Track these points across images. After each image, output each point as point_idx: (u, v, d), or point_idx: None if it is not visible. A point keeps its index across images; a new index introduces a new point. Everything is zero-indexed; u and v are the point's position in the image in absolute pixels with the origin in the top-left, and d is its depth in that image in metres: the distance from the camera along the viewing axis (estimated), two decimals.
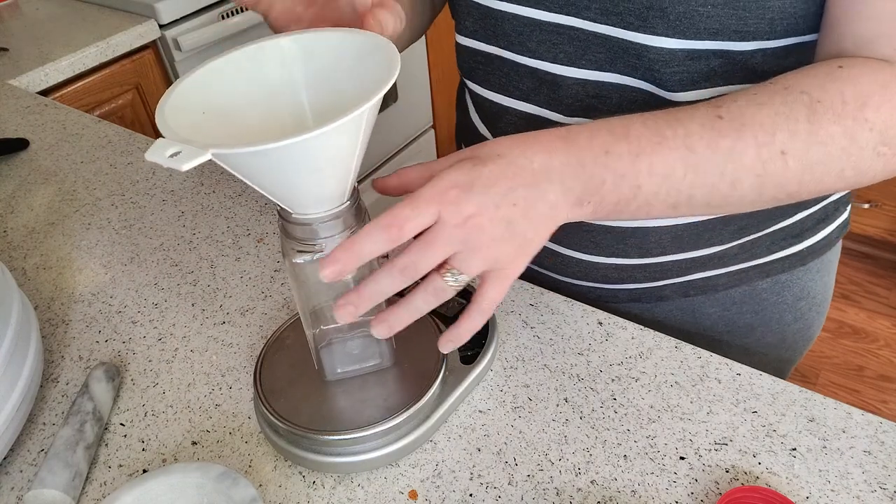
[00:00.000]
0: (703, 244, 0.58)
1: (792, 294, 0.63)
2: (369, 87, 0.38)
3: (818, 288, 0.64)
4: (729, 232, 0.57)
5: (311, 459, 0.47)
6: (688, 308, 0.63)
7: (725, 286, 0.61)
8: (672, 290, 0.62)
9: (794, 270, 0.61)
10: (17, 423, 0.49)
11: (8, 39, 1.31)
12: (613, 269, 0.60)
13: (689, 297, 0.62)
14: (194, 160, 0.33)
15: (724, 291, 0.61)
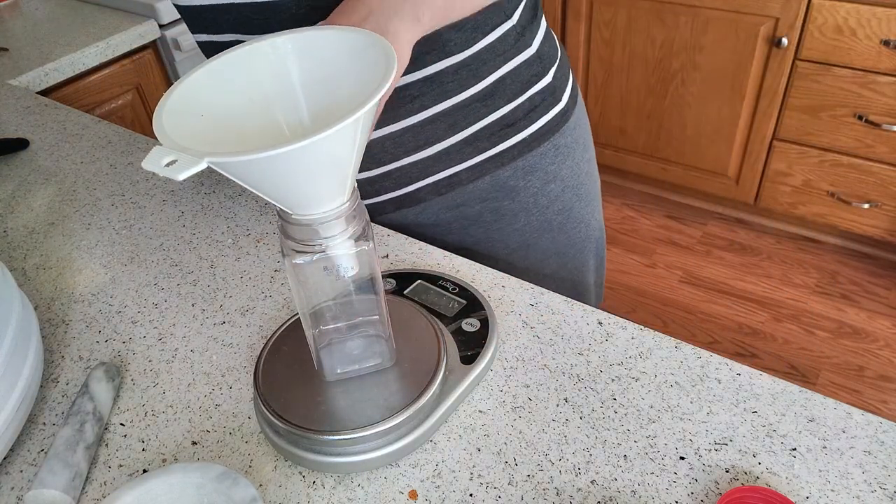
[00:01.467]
0: (424, 144, 0.65)
1: (537, 178, 0.70)
2: (366, 85, 0.38)
3: (564, 172, 0.72)
4: (441, 130, 0.65)
5: (311, 459, 0.47)
6: (450, 205, 0.70)
7: (470, 179, 0.69)
8: (426, 191, 0.69)
9: (527, 156, 0.69)
10: (17, 423, 0.49)
11: (8, 39, 1.31)
12: (366, 183, 0.68)
13: (443, 194, 0.69)
14: (190, 169, 0.33)
15: (472, 184, 0.69)
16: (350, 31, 0.42)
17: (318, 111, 0.43)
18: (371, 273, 0.46)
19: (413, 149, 0.66)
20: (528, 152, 0.69)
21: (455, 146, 0.66)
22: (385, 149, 0.65)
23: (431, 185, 0.69)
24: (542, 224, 0.72)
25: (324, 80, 0.43)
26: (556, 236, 0.74)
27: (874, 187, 1.79)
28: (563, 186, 0.72)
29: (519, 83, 0.66)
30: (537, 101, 0.68)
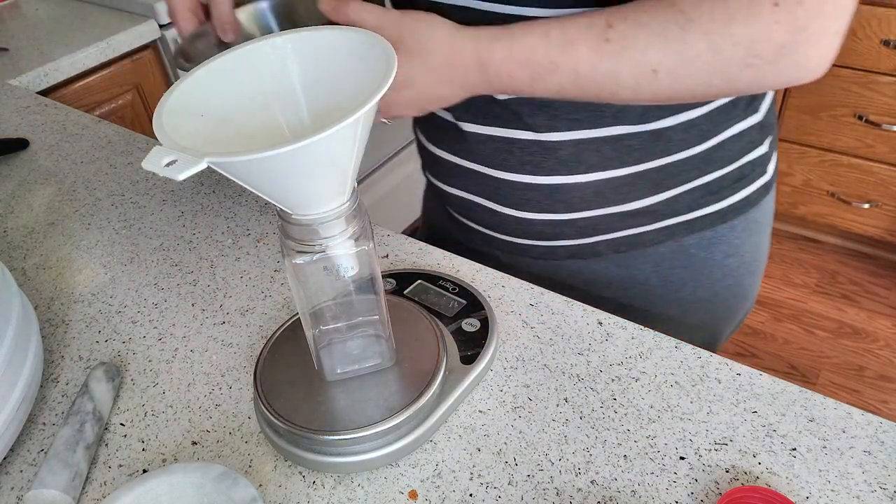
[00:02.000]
0: (622, 199, 0.62)
1: (720, 251, 0.66)
2: (366, 85, 0.38)
3: (747, 247, 0.68)
4: (646, 188, 0.62)
5: (311, 459, 0.47)
6: (622, 264, 0.67)
7: (654, 242, 0.65)
8: (604, 245, 0.66)
9: (718, 227, 0.65)
10: (17, 423, 0.49)
11: (8, 39, 1.31)
12: (547, 225, 0.65)
13: (620, 252, 0.66)
14: (190, 169, 0.33)
15: (653, 247, 0.66)
16: (350, 31, 0.42)
17: (318, 111, 0.43)
18: (371, 273, 0.46)
19: (611, 202, 0.62)
20: (722, 223, 0.65)
21: (653, 206, 0.63)
22: (584, 196, 0.62)
23: (612, 240, 0.65)
24: (707, 296, 0.69)
25: (324, 80, 0.43)
26: (716, 307, 0.70)
27: (874, 187, 1.79)
28: (740, 262, 0.68)
29: (736, 149, 0.62)
30: (747, 171, 0.64)
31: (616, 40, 0.46)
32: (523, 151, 0.61)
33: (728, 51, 0.44)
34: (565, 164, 0.60)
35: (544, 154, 0.60)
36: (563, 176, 0.61)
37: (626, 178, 0.61)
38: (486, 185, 0.65)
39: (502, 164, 0.63)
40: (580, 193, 0.62)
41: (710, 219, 0.64)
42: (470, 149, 0.64)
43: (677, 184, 0.62)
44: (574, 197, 0.62)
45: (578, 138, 0.59)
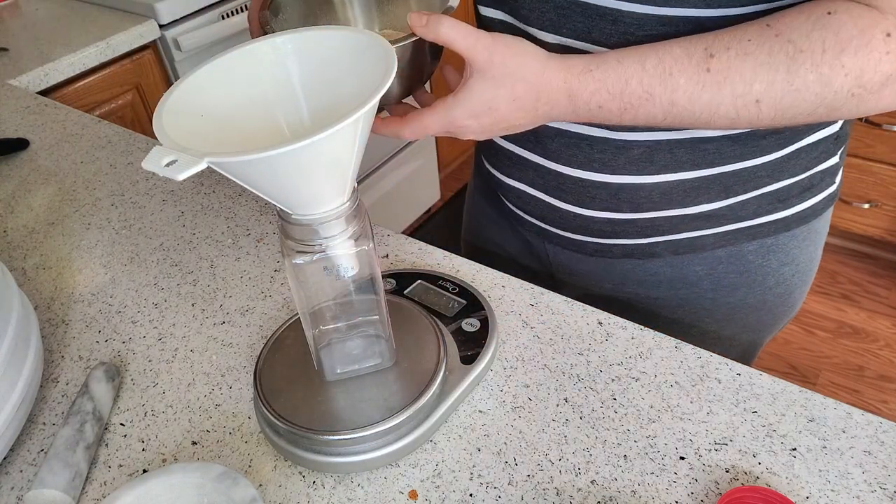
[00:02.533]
0: (690, 202, 0.61)
1: (777, 259, 0.65)
2: (366, 85, 0.38)
3: (803, 257, 0.67)
4: (716, 191, 0.60)
5: (311, 459, 0.47)
6: (677, 265, 0.66)
7: (713, 246, 0.64)
8: (663, 247, 0.65)
9: (780, 235, 0.64)
10: (17, 423, 0.49)
11: (8, 39, 1.31)
12: (607, 224, 0.64)
13: (678, 254, 0.65)
14: (190, 169, 0.33)
15: (711, 251, 0.65)
16: (350, 31, 0.42)
17: (318, 111, 0.44)
18: (371, 273, 0.46)
19: (677, 204, 0.61)
20: (784, 231, 0.64)
21: (720, 210, 0.61)
22: (650, 197, 0.61)
23: (672, 242, 0.64)
24: (757, 303, 0.68)
25: (324, 81, 0.43)
26: (762, 315, 0.69)
27: (874, 187, 1.79)
28: (795, 271, 0.67)
29: (811, 158, 0.61)
30: (816, 181, 0.63)
31: (718, 71, 0.45)
32: (593, 149, 0.59)
33: (837, 82, 0.43)
34: (636, 163, 0.59)
35: (615, 152, 0.59)
36: (631, 175, 0.60)
37: (696, 182, 0.59)
38: (549, 180, 0.64)
39: (570, 160, 0.61)
40: (647, 194, 0.61)
41: (773, 226, 0.63)
42: (537, 142, 0.63)
43: (747, 190, 0.60)
44: (640, 197, 0.61)
45: (654, 139, 0.57)
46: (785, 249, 0.65)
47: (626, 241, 0.65)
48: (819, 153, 0.62)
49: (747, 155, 0.58)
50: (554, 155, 0.62)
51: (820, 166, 0.62)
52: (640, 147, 0.58)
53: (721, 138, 0.57)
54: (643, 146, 0.58)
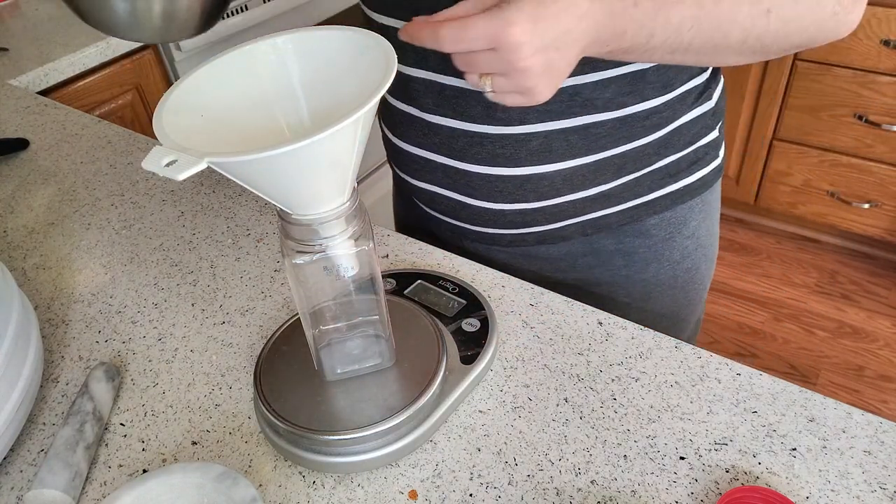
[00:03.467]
0: (590, 184, 0.65)
1: (679, 232, 0.70)
2: (366, 85, 0.38)
3: (702, 231, 0.72)
4: (611, 172, 0.64)
5: (311, 459, 0.47)
6: (588, 244, 0.70)
7: (618, 223, 0.68)
8: (572, 230, 0.68)
9: (677, 209, 0.69)
10: (17, 423, 0.49)
11: (8, 39, 1.31)
12: (518, 214, 0.67)
13: (587, 235, 0.69)
14: (190, 169, 0.33)
15: (618, 228, 0.69)
16: (350, 31, 0.42)
17: (318, 111, 0.44)
18: (371, 273, 0.46)
19: (578, 187, 0.65)
20: (681, 204, 0.69)
21: (616, 189, 0.66)
22: (553, 184, 0.64)
23: (579, 224, 0.68)
24: (668, 279, 0.72)
25: (324, 80, 0.43)
26: (676, 294, 0.74)
27: (874, 187, 1.79)
28: (696, 245, 0.72)
29: (691, 134, 0.66)
30: (701, 154, 0.68)
31: None
32: (495, 145, 0.62)
33: None
34: (536, 154, 0.62)
35: (516, 146, 0.62)
36: (533, 166, 0.63)
37: (593, 165, 0.63)
38: (456, 179, 0.66)
39: (474, 157, 0.64)
40: (550, 182, 0.64)
41: (669, 199, 0.68)
42: (440, 143, 0.65)
43: (639, 168, 0.65)
44: (544, 186, 0.64)
45: (549, 129, 0.61)
46: (684, 222, 0.70)
47: (538, 228, 0.68)
48: (699, 129, 0.67)
49: (634, 136, 0.63)
50: (460, 154, 0.64)
51: (702, 141, 0.68)
52: (539, 138, 0.61)
53: (610, 122, 0.61)
54: (541, 137, 0.61)
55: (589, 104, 0.60)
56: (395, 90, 0.67)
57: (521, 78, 0.43)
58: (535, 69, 0.43)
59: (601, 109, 0.60)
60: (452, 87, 0.61)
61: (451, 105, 0.62)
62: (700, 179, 0.69)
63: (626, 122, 0.62)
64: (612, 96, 0.60)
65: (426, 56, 0.60)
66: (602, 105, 0.60)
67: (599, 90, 0.59)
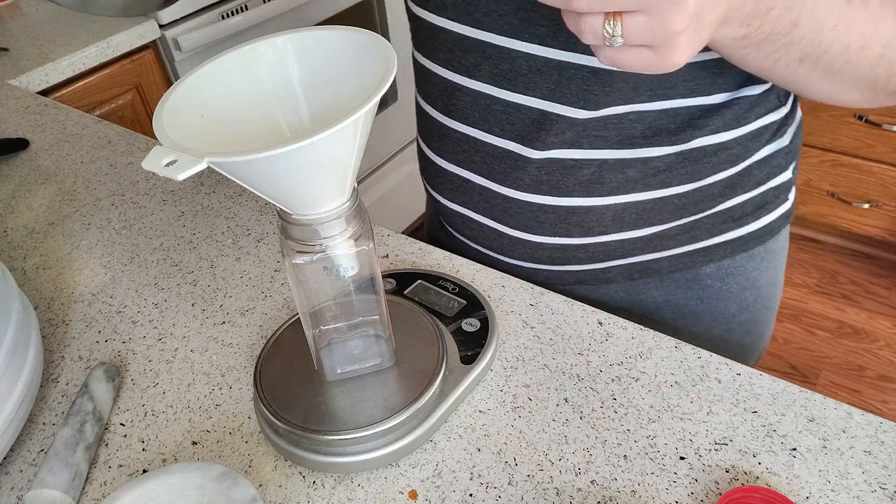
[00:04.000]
0: (642, 224, 0.58)
1: (736, 283, 0.62)
2: (366, 85, 0.38)
3: (763, 280, 0.64)
4: (668, 212, 0.58)
5: (311, 459, 0.47)
6: (633, 291, 0.63)
7: (669, 269, 0.61)
8: (617, 272, 0.62)
9: (737, 257, 0.61)
10: (17, 423, 0.49)
11: (8, 39, 1.31)
12: (557, 250, 0.61)
13: (633, 279, 0.62)
14: (191, 169, 0.33)
15: (668, 275, 0.62)
16: (350, 31, 0.42)
17: (318, 111, 0.43)
18: (371, 273, 0.46)
19: (629, 226, 0.58)
20: (742, 252, 0.61)
21: (672, 230, 0.59)
22: (601, 220, 0.58)
23: (625, 266, 0.61)
24: (721, 334, 0.65)
25: (324, 80, 0.43)
26: (730, 348, 0.66)
27: (874, 187, 1.79)
28: (757, 296, 0.64)
29: (763, 174, 0.59)
30: (770, 198, 0.61)
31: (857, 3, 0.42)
32: (541, 170, 0.56)
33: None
34: (586, 185, 0.56)
35: (564, 173, 0.56)
36: (581, 198, 0.57)
37: (649, 203, 0.57)
38: (493, 204, 0.61)
39: (516, 182, 0.58)
40: (597, 217, 0.58)
41: (729, 247, 0.61)
42: (480, 162, 0.59)
43: (700, 209, 0.58)
44: (590, 220, 0.58)
45: (603, 158, 0.55)
46: (744, 272, 0.62)
47: (578, 266, 0.62)
48: (771, 168, 0.60)
49: (698, 174, 0.56)
50: (500, 177, 0.59)
51: (772, 182, 0.61)
52: (591, 167, 0.55)
53: (672, 156, 0.55)
54: (593, 165, 0.55)
55: (651, 134, 0.54)
56: (437, 100, 0.61)
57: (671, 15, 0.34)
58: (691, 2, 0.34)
59: (665, 142, 0.54)
60: (503, 100, 0.55)
61: (498, 121, 0.56)
62: (766, 226, 0.62)
63: (692, 157, 0.55)
64: (678, 127, 0.54)
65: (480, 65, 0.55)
66: (666, 136, 0.54)
67: (665, 119, 0.53)
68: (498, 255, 0.65)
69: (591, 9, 0.35)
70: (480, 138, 0.58)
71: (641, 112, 0.53)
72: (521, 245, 0.62)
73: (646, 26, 0.35)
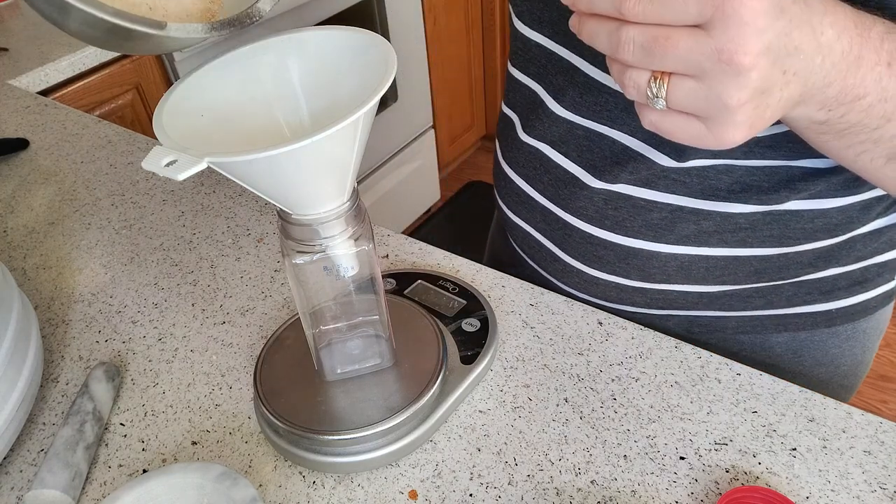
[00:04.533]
0: (712, 280, 0.53)
1: (811, 357, 0.56)
2: (366, 85, 0.38)
3: (845, 359, 0.57)
4: (744, 273, 0.52)
5: (311, 459, 0.47)
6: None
7: (734, 331, 0.56)
8: (675, 323, 0.57)
9: (818, 331, 0.55)
10: (17, 423, 0.49)
11: (8, 39, 1.31)
12: (613, 288, 0.57)
13: (692, 335, 0.57)
14: (190, 169, 0.33)
15: (732, 335, 0.56)
16: (350, 31, 0.42)
17: (318, 111, 0.44)
18: (371, 273, 0.46)
19: (696, 280, 0.53)
20: (825, 328, 0.54)
21: (745, 292, 0.53)
22: (665, 268, 0.52)
23: (685, 319, 0.56)
24: None
25: (324, 80, 0.43)
26: None
27: None
28: (832, 374, 0.57)
29: (867, 249, 0.52)
30: (871, 275, 0.53)
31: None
32: (608, 204, 0.52)
33: None
34: (653, 228, 0.51)
35: (632, 212, 0.51)
36: (646, 241, 0.52)
37: (722, 260, 0.51)
38: (554, 227, 0.57)
39: (579, 211, 0.53)
40: (661, 264, 0.53)
41: (810, 319, 0.54)
42: (547, 183, 0.56)
43: (783, 276, 0.52)
44: (653, 266, 0.53)
45: (678, 204, 0.49)
46: (822, 348, 0.55)
47: (633, 309, 0.57)
48: (879, 244, 0.52)
49: (788, 238, 0.49)
50: (564, 202, 0.55)
51: (877, 258, 0.53)
52: (662, 211, 0.50)
53: (759, 215, 0.49)
54: (665, 210, 0.50)
55: (738, 189, 0.47)
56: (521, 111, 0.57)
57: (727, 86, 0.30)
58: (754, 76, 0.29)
59: (752, 199, 0.48)
60: (586, 128, 0.51)
61: (577, 146, 0.52)
62: (860, 304, 0.54)
63: (783, 220, 0.49)
64: (772, 187, 0.47)
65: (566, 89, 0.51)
66: (755, 194, 0.47)
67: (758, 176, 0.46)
68: (552, 278, 0.62)
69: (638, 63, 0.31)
70: (554, 159, 0.54)
71: (731, 166, 0.46)
72: (576, 274, 0.58)
73: (695, 93, 0.31)
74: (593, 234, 0.54)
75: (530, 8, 0.52)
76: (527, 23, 0.53)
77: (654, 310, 0.57)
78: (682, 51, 0.29)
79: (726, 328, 0.56)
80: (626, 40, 0.31)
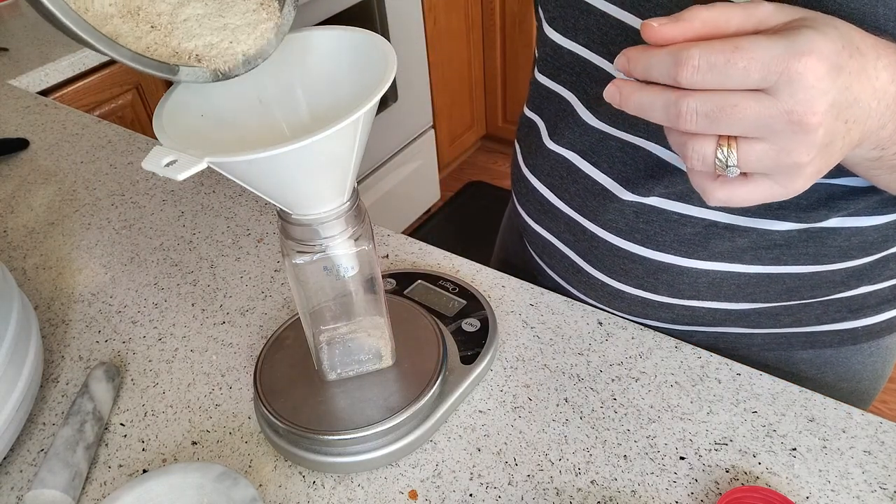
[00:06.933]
0: (742, 297, 0.52)
1: (834, 373, 0.56)
2: (366, 85, 0.38)
3: (866, 374, 0.57)
4: (776, 291, 0.51)
5: (311, 459, 0.47)
6: None
7: (760, 347, 0.55)
8: (700, 338, 0.57)
9: (843, 348, 0.55)
10: (17, 423, 0.49)
11: (8, 39, 1.31)
12: (639, 303, 0.56)
13: (718, 349, 0.56)
14: (190, 169, 0.33)
15: (757, 352, 0.56)
16: (350, 31, 0.42)
17: (318, 111, 0.44)
18: (371, 273, 0.46)
19: (726, 297, 0.52)
20: (851, 345, 0.54)
21: (775, 310, 0.52)
22: (694, 284, 0.52)
23: (711, 335, 0.55)
24: None
25: (324, 80, 0.43)
26: None
27: None
28: (853, 389, 0.57)
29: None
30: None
31: None
32: (639, 218, 0.50)
33: None
34: (685, 244, 0.50)
35: (663, 227, 0.50)
36: (677, 256, 0.51)
37: (755, 278, 0.50)
38: (580, 239, 0.55)
39: (608, 223, 0.52)
40: (691, 280, 0.52)
41: (836, 337, 0.54)
42: (574, 193, 0.54)
43: (815, 295, 0.51)
44: (682, 282, 0.52)
45: (712, 220, 0.48)
46: (846, 365, 0.55)
47: (658, 323, 0.57)
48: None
49: (823, 256, 0.49)
50: (592, 213, 0.53)
51: None
52: (695, 226, 0.49)
53: (795, 233, 0.48)
54: (699, 226, 0.49)
55: (776, 206, 0.47)
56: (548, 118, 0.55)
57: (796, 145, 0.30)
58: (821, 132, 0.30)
59: (790, 216, 0.47)
60: (619, 139, 0.50)
61: (609, 156, 0.50)
62: (886, 321, 0.54)
63: (819, 237, 0.48)
64: (811, 204, 0.46)
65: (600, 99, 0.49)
66: (793, 211, 0.46)
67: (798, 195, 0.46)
68: (573, 289, 0.60)
69: (703, 130, 0.31)
70: (582, 169, 0.53)
71: None
72: (600, 288, 0.57)
73: (767, 154, 0.31)
74: (622, 248, 0.53)
75: (563, 14, 0.50)
76: (559, 30, 0.52)
77: (679, 325, 0.56)
78: (752, 115, 0.30)
79: (752, 345, 0.56)
80: (689, 111, 0.31)
